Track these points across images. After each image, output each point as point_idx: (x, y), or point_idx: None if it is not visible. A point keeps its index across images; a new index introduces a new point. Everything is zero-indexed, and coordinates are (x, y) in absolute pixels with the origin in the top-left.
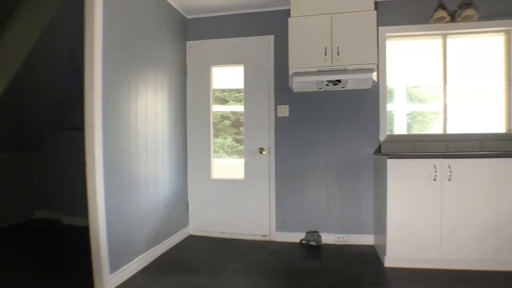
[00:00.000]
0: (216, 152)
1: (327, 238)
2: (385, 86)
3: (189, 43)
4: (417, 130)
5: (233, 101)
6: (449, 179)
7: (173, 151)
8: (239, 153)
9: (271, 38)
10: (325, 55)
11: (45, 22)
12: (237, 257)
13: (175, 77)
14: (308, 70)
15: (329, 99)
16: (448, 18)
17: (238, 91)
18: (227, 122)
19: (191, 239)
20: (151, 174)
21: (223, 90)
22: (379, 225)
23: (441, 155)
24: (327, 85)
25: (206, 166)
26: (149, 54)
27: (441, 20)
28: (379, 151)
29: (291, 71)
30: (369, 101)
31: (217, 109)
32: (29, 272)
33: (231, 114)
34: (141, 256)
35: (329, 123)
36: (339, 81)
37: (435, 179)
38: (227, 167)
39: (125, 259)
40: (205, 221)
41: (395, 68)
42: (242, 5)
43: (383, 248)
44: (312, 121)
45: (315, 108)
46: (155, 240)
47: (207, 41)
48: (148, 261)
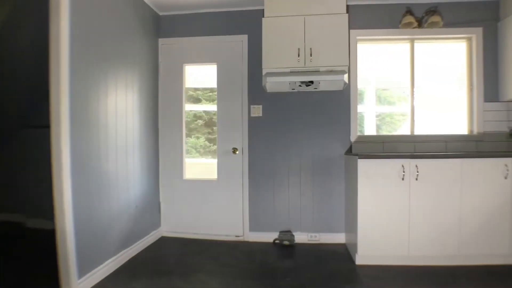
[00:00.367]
0: (188, 152)
1: (300, 237)
2: (356, 88)
3: (162, 40)
4: (385, 131)
5: (206, 100)
6: (417, 179)
7: (145, 150)
8: (212, 153)
9: (244, 37)
10: (298, 56)
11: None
12: (210, 258)
13: (147, 75)
14: (281, 70)
15: (302, 99)
16: (415, 23)
17: (211, 90)
18: (200, 121)
19: (164, 240)
20: (122, 173)
21: (196, 89)
22: (350, 224)
23: (409, 155)
24: (300, 86)
25: (178, 166)
26: (120, 50)
27: (409, 25)
28: (350, 151)
29: (265, 71)
30: (340, 103)
31: (190, 108)
32: None
33: (204, 113)
34: (111, 259)
35: (302, 123)
36: (312, 82)
37: (403, 179)
38: (200, 167)
39: (94, 262)
40: (178, 222)
41: (366, 70)
42: (216, 4)
43: (354, 246)
44: (285, 121)
45: (288, 108)
46: (126, 242)
47: (180, 38)
48: (119, 264)
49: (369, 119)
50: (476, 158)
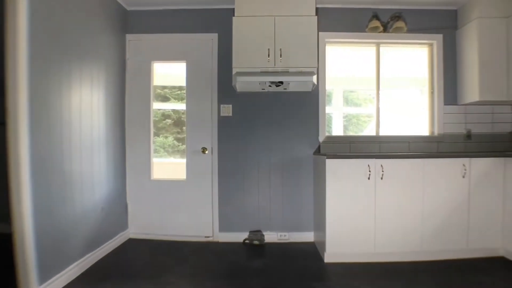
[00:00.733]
0: (156, 151)
1: (270, 236)
2: (324, 89)
3: (129, 36)
4: (352, 131)
5: (175, 99)
6: (382, 178)
7: (111, 150)
8: (181, 152)
9: (215, 36)
10: (268, 56)
11: None
12: (180, 260)
13: (114, 71)
14: (251, 70)
15: (272, 100)
16: (381, 28)
17: (180, 88)
18: (169, 120)
19: (131, 242)
20: (87, 173)
21: (164, 87)
22: (319, 223)
23: (375, 155)
24: (270, 86)
25: (146, 166)
26: (84, 45)
27: (375, 29)
28: (318, 151)
29: (235, 71)
30: (309, 103)
31: (158, 106)
32: None
33: (172, 112)
34: (76, 263)
35: (272, 123)
36: (282, 82)
37: (369, 178)
38: (169, 167)
39: (56, 267)
40: (146, 224)
41: (334, 72)
42: (186, 1)
43: (323, 244)
44: (255, 121)
45: (258, 108)
46: (92, 245)
47: (149, 35)
48: (84, 268)
49: (336, 120)
50: (436, 158)
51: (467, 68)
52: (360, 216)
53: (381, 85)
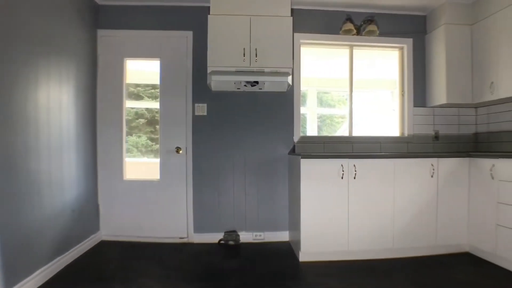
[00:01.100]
0: (129, 151)
1: (245, 237)
2: (299, 89)
3: (101, 32)
4: (326, 132)
5: (148, 97)
6: (355, 177)
7: (82, 149)
8: (155, 152)
9: (189, 34)
10: (244, 56)
11: None
12: (154, 262)
13: (84, 68)
14: (226, 69)
15: (247, 99)
16: (354, 31)
17: (153, 87)
18: (142, 119)
19: (103, 245)
20: (56, 174)
21: (137, 85)
22: (294, 222)
23: (348, 155)
24: (245, 85)
25: (118, 166)
26: (52, 40)
27: (348, 32)
28: (293, 151)
29: (210, 69)
30: (284, 104)
31: (131, 105)
32: None
33: (146, 111)
34: (44, 267)
35: (247, 123)
36: (257, 82)
37: (342, 177)
38: (142, 167)
39: (24, 271)
40: (119, 225)
41: (308, 73)
42: None
43: (298, 243)
44: (230, 121)
45: (234, 108)
46: (62, 248)
47: (121, 31)
48: (53, 272)
49: (311, 121)
50: (406, 158)
51: (435, 71)
52: (334, 215)
53: (354, 87)
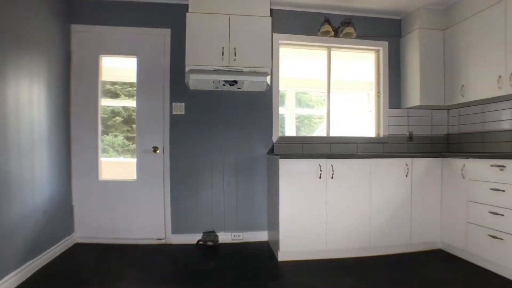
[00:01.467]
0: (105, 150)
1: (224, 237)
2: (278, 90)
3: (75, 27)
4: (304, 132)
5: (125, 95)
6: (332, 177)
7: (54, 148)
8: (131, 152)
9: (167, 31)
10: (222, 55)
11: None
12: (131, 264)
13: (57, 64)
14: (205, 68)
15: (226, 99)
16: (332, 32)
17: (131, 85)
18: (118, 118)
19: (78, 247)
20: (26, 174)
21: (114, 83)
22: (273, 222)
23: (325, 155)
24: (224, 85)
25: (93, 166)
26: (21, 33)
27: (326, 33)
28: (272, 151)
29: (188, 68)
30: (263, 104)
31: (107, 103)
32: None
33: (122, 109)
34: (14, 272)
35: (226, 122)
36: (236, 82)
37: (320, 177)
38: (118, 167)
39: None
40: (94, 227)
41: (287, 73)
42: None
43: (277, 243)
44: (208, 120)
45: (212, 107)
46: (33, 251)
47: (97, 27)
48: (25, 277)
49: (289, 121)
50: (382, 158)
51: (409, 74)
52: (312, 214)
53: (332, 88)
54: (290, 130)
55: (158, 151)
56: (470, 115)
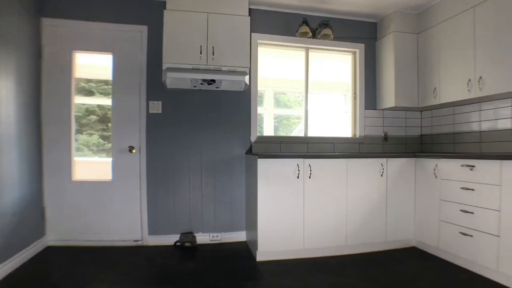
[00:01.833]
0: (79, 150)
1: (202, 238)
2: (256, 89)
3: (46, 21)
4: (283, 132)
5: (101, 93)
6: (310, 177)
7: (24, 148)
8: (107, 151)
9: (144, 28)
10: (200, 53)
11: None
12: (106, 267)
13: (26, 59)
14: (182, 66)
15: (204, 98)
16: (310, 34)
17: (106, 82)
18: (93, 117)
19: (50, 251)
20: None
21: (88, 80)
22: (251, 222)
23: (303, 155)
24: (202, 84)
25: (66, 165)
26: None
27: (304, 34)
28: (250, 151)
29: (165, 66)
30: (241, 103)
31: (81, 101)
32: None
33: (97, 108)
34: None
35: (204, 122)
36: (214, 81)
37: (298, 177)
38: (93, 167)
39: None
40: (67, 229)
41: (265, 73)
42: None
43: (255, 243)
44: (186, 119)
45: (190, 106)
46: (1, 255)
47: (70, 21)
48: None
49: (267, 121)
50: (358, 158)
51: (385, 76)
52: (290, 214)
53: (310, 89)
54: (268, 130)
55: (134, 151)
56: (442, 117)
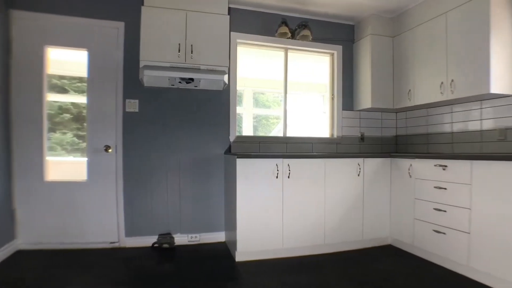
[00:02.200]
0: (53, 149)
1: (180, 239)
2: (235, 89)
3: (15, 13)
4: (261, 132)
5: (75, 91)
6: (289, 177)
7: None
8: (82, 151)
9: (121, 25)
10: (179, 51)
11: None
12: (81, 270)
13: None
14: (160, 64)
15: (182, 97)
16: (289, 34)
17: (80, 80)
18: (67, 115)
19: (21, 254)
20: None
21: (62, 77)
22: (230, 222)
23: (282, 155)
24: (180, 82)
25: (38, 165)
26: None
27: (284, 35)
28: (229, 151)
29: (142, 64)
30: (220, 103)
31: (54, 98)
32: None
33: (72, 106)
34: None
35: (182, 121)
36: (192, 79)
37: (277, 177)
38: (67, 166)
39: None
40: (39, 232)
41: (244, 73)
42: None
43: (234, 243)
44: (164, 118)
45: (168, 105)
46: None
47: (42, 14)
48: None
49: (246, 121)
50: (336, 158)
51: (361, 78)
52: (269, 213)
53: (288, 89)
54: (247, 129)
55: (110, 150)
56: (416, 118)
